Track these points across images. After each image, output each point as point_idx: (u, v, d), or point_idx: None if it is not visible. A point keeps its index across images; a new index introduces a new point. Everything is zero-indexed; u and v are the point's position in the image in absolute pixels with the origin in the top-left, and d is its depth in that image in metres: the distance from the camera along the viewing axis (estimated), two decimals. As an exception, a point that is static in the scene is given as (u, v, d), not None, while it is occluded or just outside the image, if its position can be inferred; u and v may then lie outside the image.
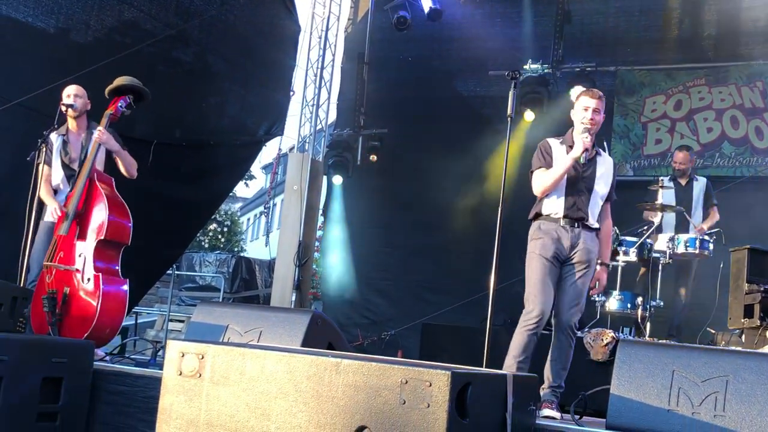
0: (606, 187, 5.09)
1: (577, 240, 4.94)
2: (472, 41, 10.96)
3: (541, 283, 4.88)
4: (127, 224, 5.55)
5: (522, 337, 4.83)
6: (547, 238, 4.95)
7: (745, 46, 10.38)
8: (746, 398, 2.99)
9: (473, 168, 10.53)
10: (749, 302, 5.64)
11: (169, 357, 3.03)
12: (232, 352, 2.89)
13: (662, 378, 3.13)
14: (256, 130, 9.71)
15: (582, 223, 4.97)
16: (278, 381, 2.75)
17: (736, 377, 3.03)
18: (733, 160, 10.14)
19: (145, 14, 7.92)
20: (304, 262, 9.80)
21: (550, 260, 4.91)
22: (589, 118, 4.97)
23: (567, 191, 5.01)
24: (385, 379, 2.56)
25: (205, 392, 2.91)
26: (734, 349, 4.16)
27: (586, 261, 4.94)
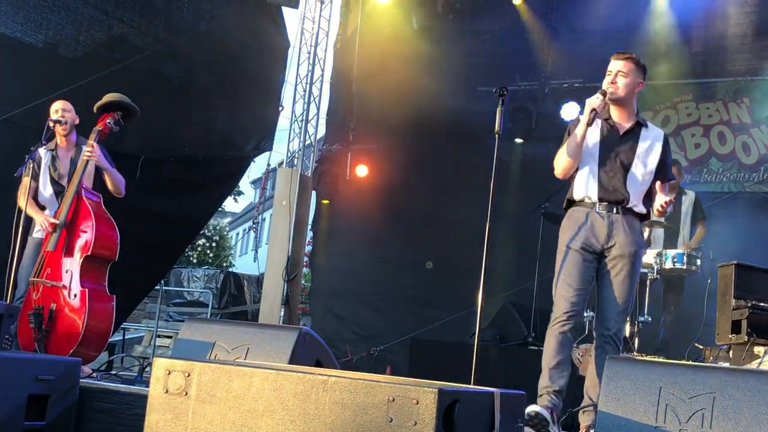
0: (652, 164, 4.47)
1: (614, 228, 4.36)
2: (461, 57, 11.00)
3: (568, 276, 4.37)
4: (114, 240, 5.54)
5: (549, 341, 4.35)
6: (576, 226, 4.43)
7: (732, 63, 10.45)
8: (733, 415, 2.99)
9: (462, 183, 10.54)
10: (736, 318, 5.64)
11: (155, 375, 3.01)
12: (219, 370, 2.87)
13: (649, 395, 3.12)
14: (245, 145, 9.71)
15: (622, 207, 4.40)
16: (265, 399, 2.74)
17: (722, 394, 3.03)
18: (720, 176, 10.19)
19: (134, 29, 7.93)
20: (293, 278, 9.76)
21: (579, 251, 4.37)
22: (609, 81, 4.48)
23: (600, 170, 4.45)
24: (372, 397, 2.56)
25: (191, 410, 2.90)
26: (721, 366, 4.17)
27: (628, 255, 4.34)
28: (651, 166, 4.48)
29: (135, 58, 7.94)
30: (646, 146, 4.50)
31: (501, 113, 4.50)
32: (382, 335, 10.92)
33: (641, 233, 4.48)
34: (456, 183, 10.62)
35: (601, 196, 4.42)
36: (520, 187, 10.26)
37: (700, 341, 6.89)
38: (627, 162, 4.44)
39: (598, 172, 4.46)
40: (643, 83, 4.59)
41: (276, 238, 9.94)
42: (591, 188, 4.45)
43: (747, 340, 5.53)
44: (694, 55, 10.69)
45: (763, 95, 10.22)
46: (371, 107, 11.51)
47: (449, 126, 11.36)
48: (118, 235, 5.58)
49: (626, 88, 4.47)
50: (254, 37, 9.44)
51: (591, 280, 4.42)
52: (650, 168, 4.48)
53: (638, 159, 4.46)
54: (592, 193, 4.44)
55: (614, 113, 4.59)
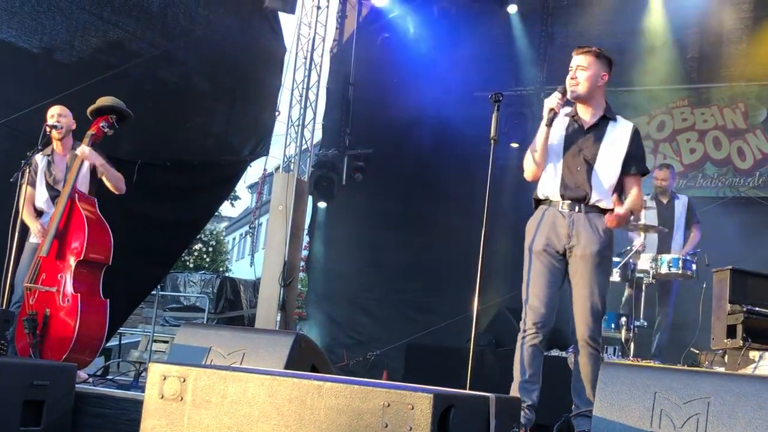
0: (618, 158, 4.31)
1: (575, 227, 4.25)
2: (457, 62, 11.03)
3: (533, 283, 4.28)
4: (107, 244, 5.54)
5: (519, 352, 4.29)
6: (540, 226, 4.33)
7: (727, 68, 10.49)
8: (727, 420, 3.00)
9: (458, 188, 10.55)
10: (732, 323, 5.65)
11: (151, 380, 3.01)
12: (214, 375, 2.87)
13: (644, 400, 3.13)
14: (241, 149, 9.71)
15: (585, 205, 4.28)
16: (260, 404, 2.74)
17: (717, 399, 3.04)
18: (715, 181, 10.22)
19: (130, 35, 7.92)
20: (289, 282, 9.76)
21: (542, 254, 4.29)
22: (570, 77, 4.37)
23: (564, 167, 4.34)
24: (368, 402, 2.56)
25: (186, 416, 2.90)
26: (715, 371, 4.18)
27: (591, 254, 4.21)
28: (617, 160, 4.34)
29: (131, 63, 7.94)
30: (611, 140, 4.37)
31: (496, 119, 4.46)
32: (378, 340, 10.93)
33: (609, 230, 4.30)
34: (452, 188, 10.64)
35: (563, 194, 4.32)
36: (516, 192, 10.28)
37: (695, 346, 6.90)
38: (591, 157, 4.32)
39: (561, 169, 4.35)
40: (607, 75, 4.44)
41: (272, 242, 9.94)
42: (554, 186, 4.36)
43: (742, 344, 5.54)
44: (690, 61, 10.73)
45: (758, 100, 10.25)
46: (367, 112, 11.52)
47: (445, 131, 11.37)
48: (112, 240, 5.57)
49: (588, 82, 4.36)
50: (251, 42, 9.44)
51: (559, 284, 4.33)
52: (616, 162, 4.33)
53: (603, 153, 4.33)
54: (555, 191, 4.35)
55: (580, 109, 4.49)
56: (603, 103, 4.48)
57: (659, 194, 7.94)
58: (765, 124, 10.19)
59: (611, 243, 4.35)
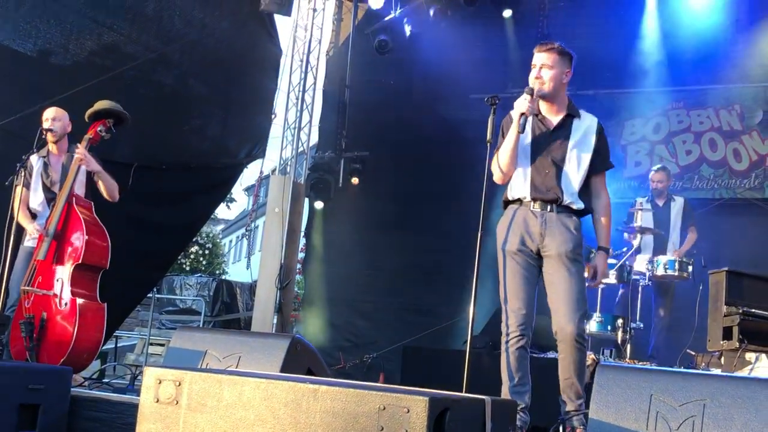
0: (586, 157, 4.31)
1: (548, 227, 4.24)
2: (454, 65, 11.02)
3: (510, 284, 4.26)
4: (105, 249, 5.53)
5: (504, 357, 4.24)
6: (512, 225, 4.32)
7: (723, 70, 10.50)
8: (723, 422, 3.00)
9: (455, 191, 10.55)
10: (728, 324, 5.63)
11: (146, 383, 3.00)
12: (210, 379, 2.87)
13: (640, 402, 3.13)
14: (238, 152, 9.70)
15: (556, 206, 4.28)
16: (256, 408, 2.74)
17: (713, 401, 3.04)
18: (711, 183, 10.23)
19: (125, 38, 7.91)
20: (286, 285, 9.75)
21: (517, 254, 4.27)
22: (534, 76, 4.35)
23: (532, 169, 4.32)
24: (363, 406, 2.55)
25: (182, 419, 2.89)
26: (711, 373, 4.18)
27: (563, 253, 4.21)
28: (585, 159, 4.33)
29: (127, 66, 7.93)
30: (578, 138, 4.35)
31: (493, 122, 4.45)
32: (375, 343, 10.92)
33: (579, 228, 4.32)
34: (448, 190, 10.63)
35: (534, 196, 4.31)
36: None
37: (692, 348, 6.91)
38: (559, 158, 4.31)
39: (530, 171, 4.34)
40: (570, 72, 4.41)
41: (269, 245, 9.94)
42: (524, 188, 4.34)
43: (738, 346, 5.53)
44: (685, 63, 10.74)
45: (754, 102, 10.27)
46: (364, 115, 11.53)
47: (442, 133, 11.38)
48: (109, 244, 5.56)
49: (553, 81, 4.33)
50: (247, 44, 9.44)
51: (536, 283, 4.32)
52: (584, 162, 4.33)
53: (571, 153, 4.31)
54: (525, 192, 4.34)
55: (543, 107, 4.47)
56: (566, 101, 4.46)
57: (656, 196, 7.95)
58: (761, 125, 10.20)
59: (581, 241, 4.35)
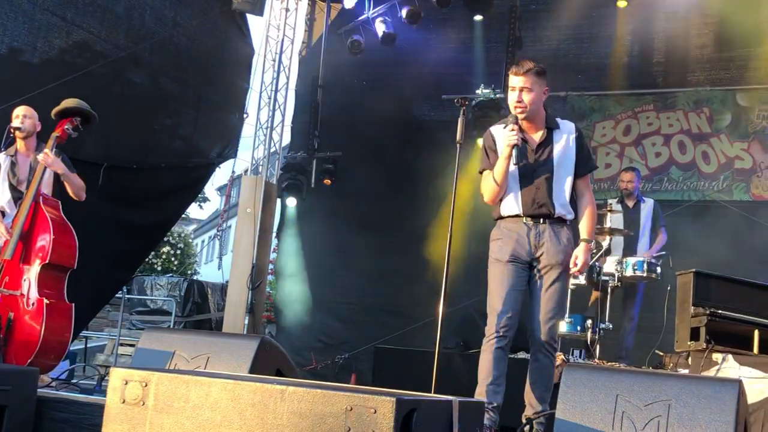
0: (570, 166, 4.44)
1: (541, 238, 4.37)
2: (426, 66, 11.05)
3: (497, 289, 4.40)
4: (72, 248, 5.48)
5: (484, 355, 4.36)
6: (505, 238, 4.44)
7: (693, 73, 10.62)
8: (688, 422, 3.03)
9: (427, 191, 10.58)
10: (695, 325, 5.71)
11: (112, 384, 2.98)
12: (176, 380, 2.85)
13: (606, 402, 3.15)
14: (209, 152, 9.66)
15: (549, 219, 4.41)
16: (223, 409, 2.73)
17: (678, 401, 3.07)
18: (680, 185, 10.34)
19: (94, 36, 7.84)
20: (258, 286, 9.73)
21: (510, 262, 4.38)
22: (516, 100, 4.41)
23: (522, 185, 4.44)
24: (330, 406, 2.55)
25: (148, 420, 2.87)
26: (676, 373, 4.23)
27: (556, 264, 4.35)
28: (570, 169, 4.45)
29: (98, 64, 7.86)
30: (560, 151, 4.45)
31: (462, 123, 4.54)
32: (347, 343, 10.92)
33: (571, 239, 4.43)
34: (420, 191, 10.66)
35: (526, 213, 4.43)
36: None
37: (660, 348, 6.97)
38: (547, 174, 4.42)
39: (520, 191, 4.45)
40: (548, 89, 4.50)
41: (240, 245, 9.91)
42: (516, 206, 4.46)
43: (706, 347, 5.60)
44: (656, 66, 10.85)
45: (723, 105, 10.39)
46: (336, 115, 11.52)
47: (414, 134, 11.41)
48: (77, 243, 5.51)
49: (533, 103, 4.40)
50: (219, 44, 9.41)
51: (523, 289, 4.43)
52: (569, 172, 4.45)
53: (557, 167, 4.43)
54: (518, 211, 4.45)
55: (524, 125, 4.54)
56: (543, 113, 4.54)
57: (625, 197, 8.01)
58: (729, 128, 10.32)
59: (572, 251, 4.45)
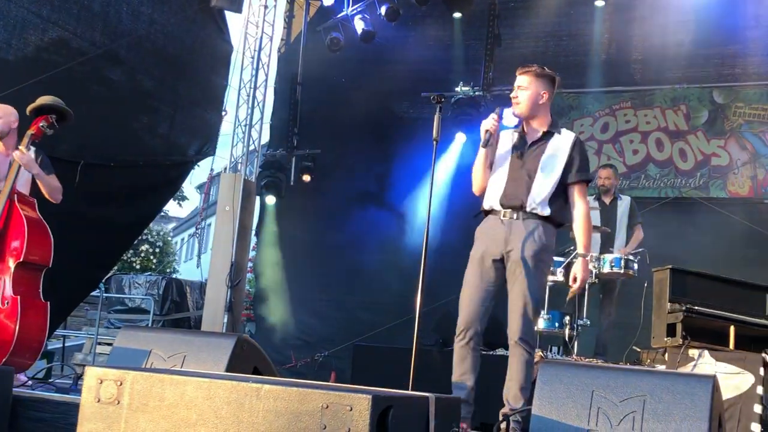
0: (558, 167, 4.50)
1: (512, 232, 4.43)
2: (405, 63, 11.07)
3: (464, 287, 4.52)
4: (47, 247, 5.43)
5: (455, 352, 4.49)
6: (481, 236, 4.55)
7: (670, 71, 10.70)
8: (663, 417, 3.05)
9: (406, 189, 10.60)
10: (671, 321, 5.74)
11: (87, 383, 2.96)
12: (151, 378, 2.84)
13: (582, 398, 3.17)
14: (187, 149, 9.62)
15: (522, 212, 4.46)
16: (198, 407, 2.72)
17: (653, 397, 3.09)
18: (657, 182, 10.42)
19: (70, 33, 7.78)
20: (237, 284, 9.69)
21: (481, 260, 4.47)
22: (512, 96, 4.62)
23: (508, 180, 4.54)
24: (306, 404, 2.55)
25: (123, 419, 2.86)
26: (651, 369, 4.26)
27: (527, 257, 4.37)
28: (557, 169, 4.52)
29: (76, 61, 7.81)
30: (552, 152, 4.55)
31: (438, 120, 4.58)
32: (326, 341, 10.91)
33: (545, 234, 4.47)
34: (399, 188, 10.67)
35: (503, 203, 4.51)
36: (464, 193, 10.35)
37: (637, 344, 7.00)
38: (532, 170, 4.51)
39: (506, 182, 4.55)
40: (548, 92, 4.61)
41: (219, 243, 9.87)
42: (496, 198, 4.54)
43: (682, 343, 5.63)
44: (633, 63, 10.91)
45: (699, 102, 10.47)
46: (315, 112, 11.51)
47: (393, 131, 11.42)
48: (52, 242, 5.47)
49: (528, 101, 4.55)
50: (196, 41, 9.36)
51: (492, 288, 4.50)
52: (555, 171, 4.52)
53: (543, 165, 4.51)
54: (496, 202, 4.54)
55: (526, 125, 4.66)
56: (548, 119, 4.64)
57: (602, 194, 8.05)
58: (706, 125, 10.41)
59: (548, 247, 4.49)
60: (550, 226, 4.52)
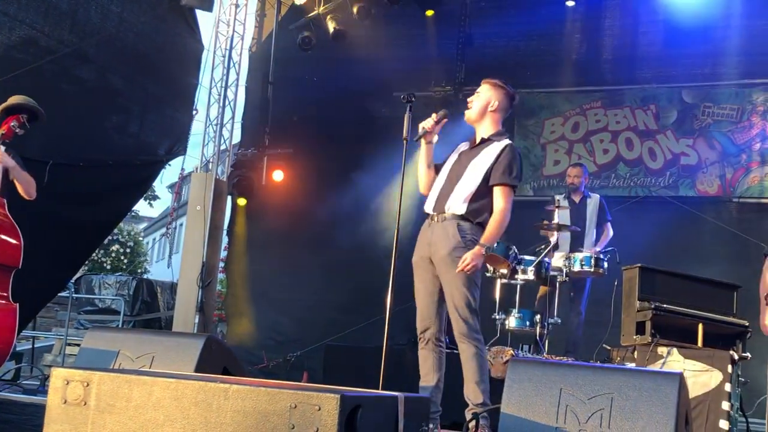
0: (480, 170, 4.66)
1: (433, 234, 4.64)
2: (378, 62, 11.04)
3: (416, 293, 4.77)
4: (17, 247, 5.37)
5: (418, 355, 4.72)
6: (417, 241, 4.76)
7: (640, 70, 10.79)
8: (630, 414, 3.08)
9: (379, 188, 10.59)
10: (641, 319, 5.79)
11: (53, 385, 2.94)
12: (118, 379, 2.82)
13: (550, 396, 3.19)
14: (157, 149, 9.54)
15: (442, 214, 4.65)
16: (166, 408, 2.70)
17: (620, 394, 3.11)
18: (627, 181, 10.50)
19: (37, 31, 7.69)
20: (208, 284, 9.63)
21: (416, 264, 4.71)
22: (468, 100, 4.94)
23: (442, 185, 4.77)
24: (274, 404, 2.54)
25: (90, 420, 2.83)
26: (619, 367, 4.28)
27: (445, 255, 4.54)
28: (479, 172, 4.67)
29: (44, 60, 7.72)
30: (481, 157, 4.72)
31: (408, 119, 4.64)
32: (298, 341, 10.88)
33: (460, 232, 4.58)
34: (372, 188, 10.66)
35: (432, 207, 4.72)
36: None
37: (607, 342, 7.05)
38: (460, 174, 4.72)
39: (440, 187, 4.76)
40: (500, 102, 4.81)
41: (190, 243, 9.80)
42: (429, 203, 4.77)
43: (651, 340, 5.68)
44: (604, 63, 10.99)
45: (669, 102, 10.56)
46: (287, 111, 11.47)
47: (365, 131, 11.40)
48: (22, 242, 5.41)
49: (476, 108, 4.83)
50: (167, 39, 9.29)
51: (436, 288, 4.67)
52: (478, 174, 4.67)
53: (469, 169, 4.70)
54: (428, 207, 4.75)
55: (476, 133, 4.92)
56: (495, 129, 4.84)
57: (572, 192, 8.10)
58: (675, 125, 10.50)
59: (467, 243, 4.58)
60: (468, 223, 4.64)
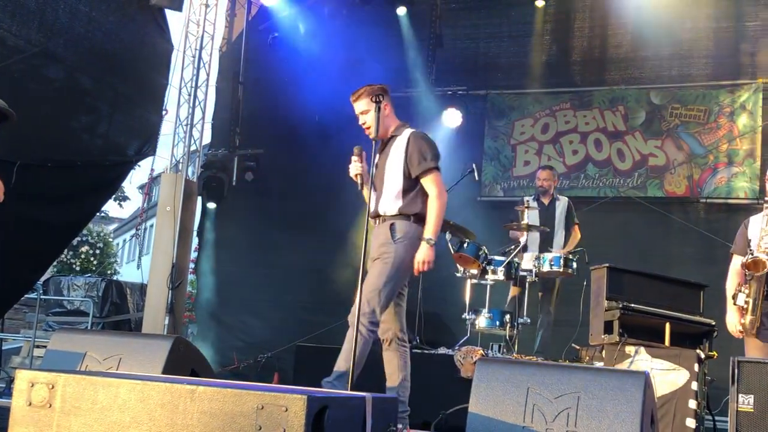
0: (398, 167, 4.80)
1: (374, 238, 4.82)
2: (348, 63, 11.03)
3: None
4: (-18, 249, 5.32)
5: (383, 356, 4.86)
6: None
7: (609, 72, 10.88)
8: (596, 413, 3.10)
9: (349, 189, 10.56)
10: (609, 319, 5.83)
11: (18, 387, 2.91)
12: (84, 381, 2.80)
13: (518, 395, 3.21)
14: (127, 149, 9.46)
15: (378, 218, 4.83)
16: (132, 410, 2.69)
17: (586, 393, 3.14)
18: (596, 181, 10.58)
19: (5, 31, 7.60)
20: (178, 285, 9.56)
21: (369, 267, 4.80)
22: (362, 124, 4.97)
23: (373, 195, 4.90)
24: (241, 405, 2.54)
25: (55, 423, 2.81)
26: (585, 366, 4.31)
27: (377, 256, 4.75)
28: (398, 169, 4.78)
29: (12, 59, 7.63)
30: (392, 156, 4.83)
31: (376, 119, 4.66)
32: (269, 342, 10.84)
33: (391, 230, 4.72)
34: (342, 188, 10.60)
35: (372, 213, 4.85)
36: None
37: (576, 342, 7.10)
38: (382, 179, 4.84)
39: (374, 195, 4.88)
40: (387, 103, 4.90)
41: (160, 244, 9.72)
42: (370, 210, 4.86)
43: (619, 340, 5.72)
44: (573, 65, 11.07)
45: (637, 103, 10.66)
46: (257, 112, 11.43)
47: (336, 131, 11.36)
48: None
49: (375, 126, 4.82)
50: (136, 39, 9.21)
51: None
52: (397, 172, 4.79)
53: (387, 171, 4.82)
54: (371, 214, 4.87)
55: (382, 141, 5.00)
56: (393, 126, 4.97)
57: (541, 194, 8.16)
58: (643, 126, 10.60)
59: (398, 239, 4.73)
60: (403, 221, 4.77)
